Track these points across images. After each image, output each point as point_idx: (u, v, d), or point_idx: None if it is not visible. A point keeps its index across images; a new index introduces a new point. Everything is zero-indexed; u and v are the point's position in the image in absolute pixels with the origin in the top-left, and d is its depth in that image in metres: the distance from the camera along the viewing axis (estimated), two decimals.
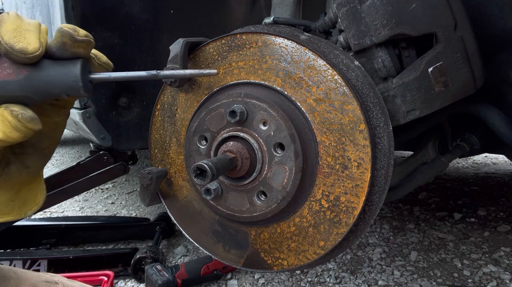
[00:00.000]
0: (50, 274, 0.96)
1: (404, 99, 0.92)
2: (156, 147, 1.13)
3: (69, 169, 1.60)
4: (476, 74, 0.94)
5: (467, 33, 0.91)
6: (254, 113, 0.91)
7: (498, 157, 3.43)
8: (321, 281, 1.49)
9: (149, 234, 1.85)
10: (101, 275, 1.34)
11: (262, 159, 0.92)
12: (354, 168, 0.87)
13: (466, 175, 2.95)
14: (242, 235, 1.02)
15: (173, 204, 1.13)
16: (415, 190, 2.17)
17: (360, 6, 0.90)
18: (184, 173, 1.08)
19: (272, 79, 0.93)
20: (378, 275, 1.53)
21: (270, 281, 1.49)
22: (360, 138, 0.86)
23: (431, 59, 0.90)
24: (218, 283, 1.49)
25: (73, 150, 4.37)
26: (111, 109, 1.42)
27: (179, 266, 1.44)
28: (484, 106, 1.09)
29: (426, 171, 1.20)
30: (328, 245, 0.92)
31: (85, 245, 1.86)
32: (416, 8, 0.88)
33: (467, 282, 1.49)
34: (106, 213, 2.34)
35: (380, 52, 0.92)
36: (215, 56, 1.00)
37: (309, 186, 0.91)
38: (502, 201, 2.33)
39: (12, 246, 1.77)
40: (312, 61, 0.89)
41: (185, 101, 1.06)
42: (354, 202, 0.88)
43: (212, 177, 0.82)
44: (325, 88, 0.89)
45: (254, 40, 0.95)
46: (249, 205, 0.95)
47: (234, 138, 0.93)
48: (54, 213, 2.33)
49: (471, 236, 1.87)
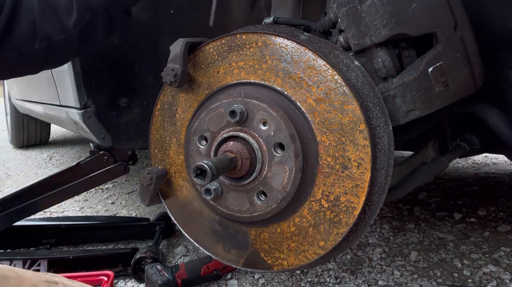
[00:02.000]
0: (50, 274, 0.96)
1: (404, 99, 0.92)
2: (156, 147, 1.13)
3: (69, 169, 1.60)
4: (476, 74, 0.94)
5: (467, 33, 0.91)
6: (254, 113, 0.91)
7: (498, 157, 3.43)
8: (321, 281, 1.49)
9: (149, 234, 1.85)
10: (101, 275, 1.34)
11: (262, 159, 0.92)
12: (354, 168, 0.87)
13: (466, 175, 2.95)
14: (242, 235, 1.02)
15: (173, 204, 1.13)
16: (415, 190, 2.17)
17: (360, 6, 0.90)
18: (184, 173, 1.08)
19: (272, 79, 0.93)
20: (378, 275, 1.53)
21: (270, 281, 1.49)
22: (360, 138, 0.86)
23: (431, 59, 0.90)
24: (218, 283, 1.49)
25: (73, 150, 4.37)
26: (111, 109, 1.42)
27: (179, 266, 1.43)
28: (484, 106, 1.09)
29: (426, 171, 1.20)
30: (328, 245, 0.92)
31: (85, 245, 1.86)
32: (416, 8, 0.88)
33: (467, 282, 1.49)
34: (106, 213, 2.34)
35: (380, 52, 0.92)
36: (215, 56, 1.00)
37: (309, 186, 0.91)
38: (502, 201, 2.33)
39: (12, 246, 1.77)
40: (312, 61, 0.89)
41: (185, 101, 1.06)
42: (354, 202, 0.88)
43: (212, 177, 0.82)
44: (325, 88, 0.89)
45: (254, 40, 0.95)
46: (249, 205, 0.95)
47: (234, 138, 0.93)
48: (54, 213, 2.33)
49: (471, 236, 1.87)
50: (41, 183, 1.60)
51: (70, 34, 1.02)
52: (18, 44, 0.99)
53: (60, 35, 1.02)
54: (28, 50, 1.01)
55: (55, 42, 1.02)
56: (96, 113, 1.38)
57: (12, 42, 0.98)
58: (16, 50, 1.00)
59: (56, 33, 1.01)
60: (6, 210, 1.55)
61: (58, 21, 1.01)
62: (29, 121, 4.24)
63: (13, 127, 4.30)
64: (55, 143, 4.81)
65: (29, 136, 4.39)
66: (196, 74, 1.03)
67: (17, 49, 1.00)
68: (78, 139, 4.99)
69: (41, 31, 1.00)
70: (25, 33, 0.99)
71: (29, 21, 0.99)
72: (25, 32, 0.99)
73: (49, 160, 3.88)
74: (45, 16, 1.00)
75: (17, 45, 0.99)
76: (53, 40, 1.02)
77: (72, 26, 1.01)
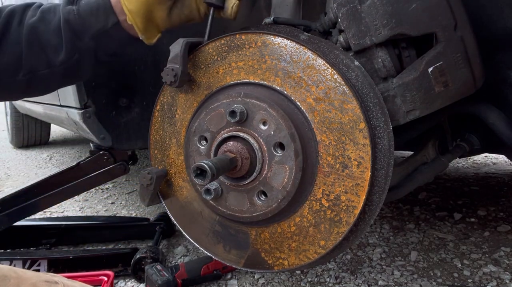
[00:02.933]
0: (50, 274, 0.96)
1: (404, 99, 0.92)
2: (156, 147, 1.13)
3: (69, 169, 1.60)
4: (476, 74, 0.94)
5: (467, 33, 0.91)
6: (254, 113, 0.91)
7: (498, 157, 3.43)
8: (321, 281, 1.49)
9: (149, 234, 1.85)
10: (101, 275, 1.34)
11: (262, 159, 0.92)
12: (354, 167, 0.87)
13: (466, 175, 2.95)
14: (242, 235, 1.02)
15: (173, 205, 1.13)
16: (415, 190, 2.17)
17: (360, 6, 0.90)
18: (184, 173, 1.08)
19: (272, 78, 0.93)
20: (378, 275, 1.53)
21: (270, 281, 1.49)
22: (360, 137, 0.86)
23: (431, 59, 0.90)
24: (218, 283, 1.49)
25: (73, 150, 4.37)
26: (111, 109, 1.42)
27: (179, 266, 1.44)
28: (484, 106, 1.09)
29: (426, 171, 1.20)
30: (328, 245, 0.92)
31: (85, 245, 1.86)
32: (416, 8, 0.88)
33: (467, 282, 1.49)
34: (106, 213, 2.34)
35: (380, 52, 0.92)
36: (215, 56, 1.00)
37: (310, 186, 0.91)
38: (502, 201, 2.33)
39: (12, 246, 1.77)
40: (311, 61, 0.89)
41: (184, 102, 1.06)
42: (354, 201, 0.88)
43: (212, 177, 0.82)
44: (324, 87, 0.89)
45: (254, 40, 0.95)
46: (249, 205, 0.95)
47: (234, 138, 0.93)
48: (54, 213, 2.33)
49: (471, 236, 1.87)
50: (41, 183, 1.60)
51: (56, 70, 1.03)
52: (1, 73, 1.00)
53: (45, 70, 1.03)
54: (11, 80, 1.02)
55: (39, 75, 1.03)
56: (96, 113, 1.38)
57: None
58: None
59: (41, 68, 1.02)
60: (6, 210, 1.55)
61: (45, 57, 1.02)
62: (29, 121, 4.24)
63: (13, 127, 4.30)
64: (55, 143, 4.81)
65: (29, 136, 4.40)
66: (195, 74, 1.03)
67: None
68: (78, 139, 4.99)
69: (26, 64, 1.01)
70: (9, 64, 1.00)
71: (16, 53, 1.00)
72: (10, 63, 1.00)
73: (49, 160, 3.88)
74: (33, 50, 1.00)
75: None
76: (38, 74, 1.03)
77: (58, 64, 1.02)
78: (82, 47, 1.02)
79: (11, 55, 1.00)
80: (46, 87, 1.11)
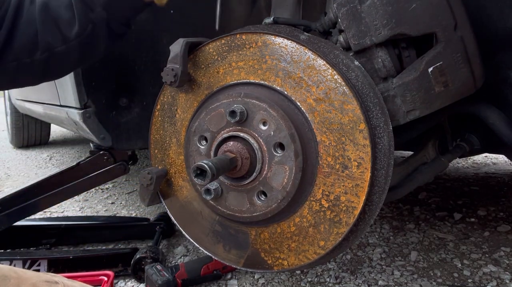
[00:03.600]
0: (50, 274, 0.96)
1: (404, 99, 0.92)
2: (156, 147, 1.13)
3: (69, 169, 1.60)
4: (476, 74, 0.94)
5: (467, 33, 0.91)
6: (254, 113, 0.92)
7: (498, 157, 3.43)
8: (321, 281, 1.49)
9: (149, 234, 1.85)
10: (101, 275, 1.34)
11: (262, 159, 0.92)
12: (354, 167, 0.87)
13: (466, 175, 2.95)
14: (242, 235, 1.02)
15: (173, 204, 1.13)
16: (415, 190, 2.17)
17: (360, 6, 0.90)
18: (184, 173, 1.08)
19: (272, 79, 0.93)
20: (378, 275, 1.53)
21: (270, 281, 1.49)
22: (360, 137, 0.86)
23: (431, 59, 0.90)
24: (218, 283, 1.49)
25: (73, 150, 4.37)
26: (111, 109, 1.42)
27: (179, 266, 1.43)
28: (484, 106, 1.09)
29: (426, 171, 1.20)
30: (328, 245, 0.92)
31: (85, 245, 1.86)
32: (416, 8, 0.88)
33: (467, 282, 1.49)
34: (106, 213, 2.34)
35: (380, 52, 0.92)
36: (215, 56, 1.00)
37: (309, 186, 0.91)
38: (502, 201, 2.33)
39: (12, 246, 1.77)
40: (311, 61, 0.89)
41: (185, 101, 1.06)
42: (354, 201, 0.88)
43: (212, 177, 0.82)
44: (324, 87, 0.89)
45: (254, 40, 0.95)
46: (249, 205, 0.95)
47: (234, 138, 0.93)
48: (54, 213, 2.33)
49: (471, 236, 1.87)
50: (41, 183, 1.60)
51: (71, 45, 1.03)
52: (19, 55, 1.01)
53: (61, 46, 1.03)
54: (29, 61, 1.02)
55: (56, 53, 1.03)
56: (96, 113, 1.38)
57: (12, 52, 1.00)
58: (17, 61, 1.01)
59: (57, 44, 1.02)
60: (6, 210, 1.55)
61: (59, 33, 1.02)
62: (29, 121, 4.24)
63: (13, 127, 4.30)
64: (55, 143, 4.81)
65: (29, 136, 4.40)
66: (196, 74, 1.03)
67: (18, 59, 1.01)
68: (78, 139, 4.99)
69: (42, 42, 1.01)
70: (26, 44, 1.00)
71: (31, 32, 1.00)
72: (26, 43, 1.00)
73: (49, 160, 3.88)
74: (47, 27, 1.01)
75: (17, 56, 1.00)
76: (54, 51, 1.03)
77: (73, 38, 1.03)
78: (94, 17, 1.02)
79: (26, 35, 1.00)
80: (65, 66, 1.12)
